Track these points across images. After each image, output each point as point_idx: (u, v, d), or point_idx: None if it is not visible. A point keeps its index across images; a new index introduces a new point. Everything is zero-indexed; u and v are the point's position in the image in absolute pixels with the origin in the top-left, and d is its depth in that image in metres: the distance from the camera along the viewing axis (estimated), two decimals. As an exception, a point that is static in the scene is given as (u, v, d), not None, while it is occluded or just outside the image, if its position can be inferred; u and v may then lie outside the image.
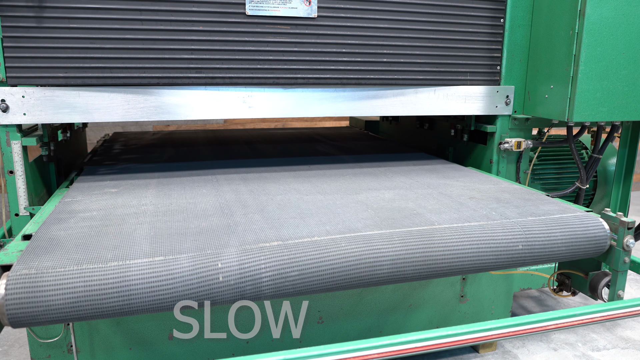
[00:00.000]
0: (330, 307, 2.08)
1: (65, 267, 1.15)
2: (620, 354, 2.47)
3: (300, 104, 2.05)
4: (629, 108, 2.10)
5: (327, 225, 1.46)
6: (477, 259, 1.43)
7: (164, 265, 1.19)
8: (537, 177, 2.66)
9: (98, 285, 1.14)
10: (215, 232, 1.40)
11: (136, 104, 1.88)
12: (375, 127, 3.90)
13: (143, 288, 1.15)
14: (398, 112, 2.18)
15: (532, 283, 2.48)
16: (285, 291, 1.26)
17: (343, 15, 2.00)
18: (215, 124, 5.00)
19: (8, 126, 1.76)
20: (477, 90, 2.26)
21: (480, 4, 2.17)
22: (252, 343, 2.02)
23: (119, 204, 1.70)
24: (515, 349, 2.50)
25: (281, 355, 1.17)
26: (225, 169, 2.28)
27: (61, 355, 1.84)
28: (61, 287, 1.11)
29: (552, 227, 1.52)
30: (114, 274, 1.16)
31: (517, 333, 1.38)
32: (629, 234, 1.53)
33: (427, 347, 1.28)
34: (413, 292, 2.21)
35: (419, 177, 2.14)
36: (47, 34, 1.74)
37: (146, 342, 1.90)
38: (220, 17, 1.87)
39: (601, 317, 1.47)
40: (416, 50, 2.12)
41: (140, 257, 1.22)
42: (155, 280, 1.16)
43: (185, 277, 1.18)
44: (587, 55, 1.99)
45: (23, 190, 1.80)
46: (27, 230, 1.44)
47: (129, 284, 1.15)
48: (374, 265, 1.32)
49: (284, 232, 1.40)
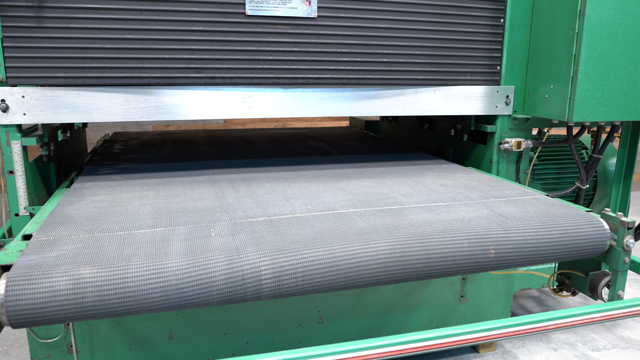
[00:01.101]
0: (330, 307, 2.08)
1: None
2: (620, 354, 2.47)
3: (300, 104, 2.06)
4: (628, 108, 2.10)
5: (309, 205, 1.69)
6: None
7: (163, 234, 1.39)
8: (537, 177, 2.66)
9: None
10: (209, 210, 1.63)
11: (136, 104, 1.88)
12: (375, 127, 3.90)
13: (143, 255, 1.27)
14: (398, 112, 2.18)
15: (532, 283, 2.48)
16: (267, 251, 1.29)
17: (343, 15, 2.00)
18: (215, 124, 5.00)
19: (8, 126, 1.76)
20: (477, 90, 2.26)
21: (480, 4, 2.17)
22: (252, 343, 2.02)
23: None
24: (515, 349, 2.50)
25: (281, 355, 1.17)
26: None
27: (61, 355, 1.84)
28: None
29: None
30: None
31: (517, 333, 1.38)
32: (629, 234, 1.53)
33: (427, 347, 1.28)
34: (413, 292, 2.21)
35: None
36: (47, 34, 1.74)
37: (146, 342, 1.90)
38: (220, 17, 1.87)
39: (601, 317, 1.47)
40: (416, 50, 2.12)
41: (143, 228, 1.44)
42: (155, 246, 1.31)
43: (182, 242, 1.34)
44: (587, 55, 1.99)
45: (23, 190, 1.80)
46: (27, 230, 1.44)
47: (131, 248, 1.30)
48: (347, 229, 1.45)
49: (270, 210, 1.63)
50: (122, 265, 1.19)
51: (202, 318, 1.94)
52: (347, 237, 1.38)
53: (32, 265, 1.16)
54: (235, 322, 1.98)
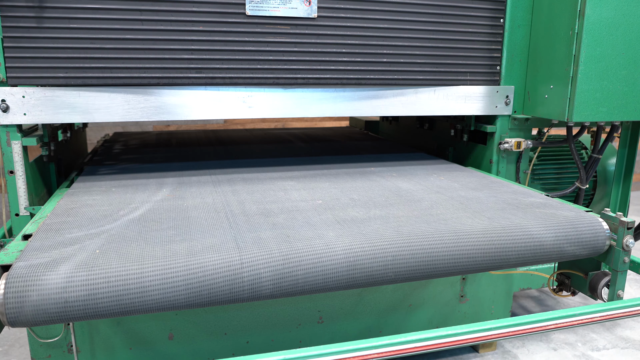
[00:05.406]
0: (330, 307, 2.08)
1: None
2: (619, 354, 2.47)
3: (300, 104, 2.06)
4: (628, 108, 2.10)
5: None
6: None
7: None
8: (536, 177, 2.66)
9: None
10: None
11: (136, 104, 1.88)
12: (375, 127, 3.90)
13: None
14: (398, 112, 2.18)
15: (532, 283, 2.48)
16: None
17: (343, 15, 2.00)
18: (215, 124, 5.01)
19: (8, 126, 1.77)
20: (477, 91, 2.26)
21: (480, 4, 2.17)
22: (252, 343, 2.02)
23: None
24: (515, 348, 2.50)
25: (281, 355, 1.17)
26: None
27: (61, 355, 1.84)
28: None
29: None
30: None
31: (517, 333, 1.38)
32: (629, 234, 1.53)
33: (427, 347, 1.28)
34: (413, 292, 2.21)
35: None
36: (48, 34, 1.74)
37: (146, 342, 1.90)
38: (220, 17, 1.87)
39: (601, 317, 1.47)
40: (416, 50, 2.12)
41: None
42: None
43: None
44: (586, 55, 1.99)
45: (23, 190, 1.80)
46: (27, 230, 1.44)
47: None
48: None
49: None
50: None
51: (202, 318, 1.94)
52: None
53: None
54: (236, 322, 1.98)
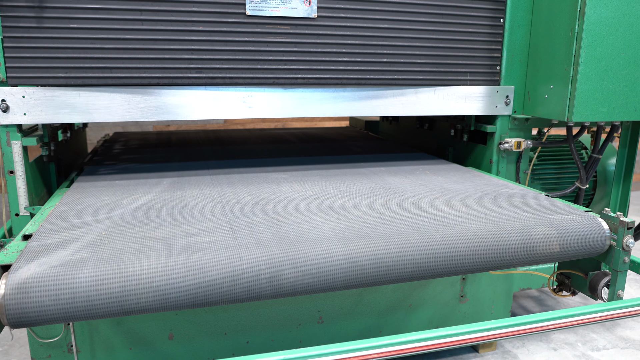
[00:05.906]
0: (330, 307, 2.08)
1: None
2: (619, 354, 2.47)
3: (300, 104, 2.06)
4: (628, 108, 2.10)
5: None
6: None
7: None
8: (537, 177, 2.66)
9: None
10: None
11: (136, 104, 1.88)
12: (375, 127, 3.90)
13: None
14: (398, 112, 2.18)
15: (532, 283, 2.48)
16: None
17: (343, 15, 2.00)
18: (215, 124, 5.00)
19: (8, 126, 1.77)
20: (477, 91, 2.26)
21: (480, 4, 2.17)
22: (252, 343, 2.02)
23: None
24: (515, 348, 2.50)
25: (281, 355, 1.17)
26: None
27: (61, 355, 1.84)
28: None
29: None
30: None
31: (517, 333, 1.38)
32: (629, 234, 1.53)
33: (427, 347, 1.28)
34: (413, 292, 2.21)
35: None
36: (48, 34, 1.74)
37: (146, 342, 1.90)
38: (220, 17, 1.88)
39: (601, 317, 1.47)
40: (416, 50, 2.12)
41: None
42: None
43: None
44: (586, 55, 1.99)
45: (23, 190, 1.80)
46: (27, 230, 1.44)
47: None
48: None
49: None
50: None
51: (202, 318, 1.94)
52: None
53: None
54: (236, 322, 1.98)
